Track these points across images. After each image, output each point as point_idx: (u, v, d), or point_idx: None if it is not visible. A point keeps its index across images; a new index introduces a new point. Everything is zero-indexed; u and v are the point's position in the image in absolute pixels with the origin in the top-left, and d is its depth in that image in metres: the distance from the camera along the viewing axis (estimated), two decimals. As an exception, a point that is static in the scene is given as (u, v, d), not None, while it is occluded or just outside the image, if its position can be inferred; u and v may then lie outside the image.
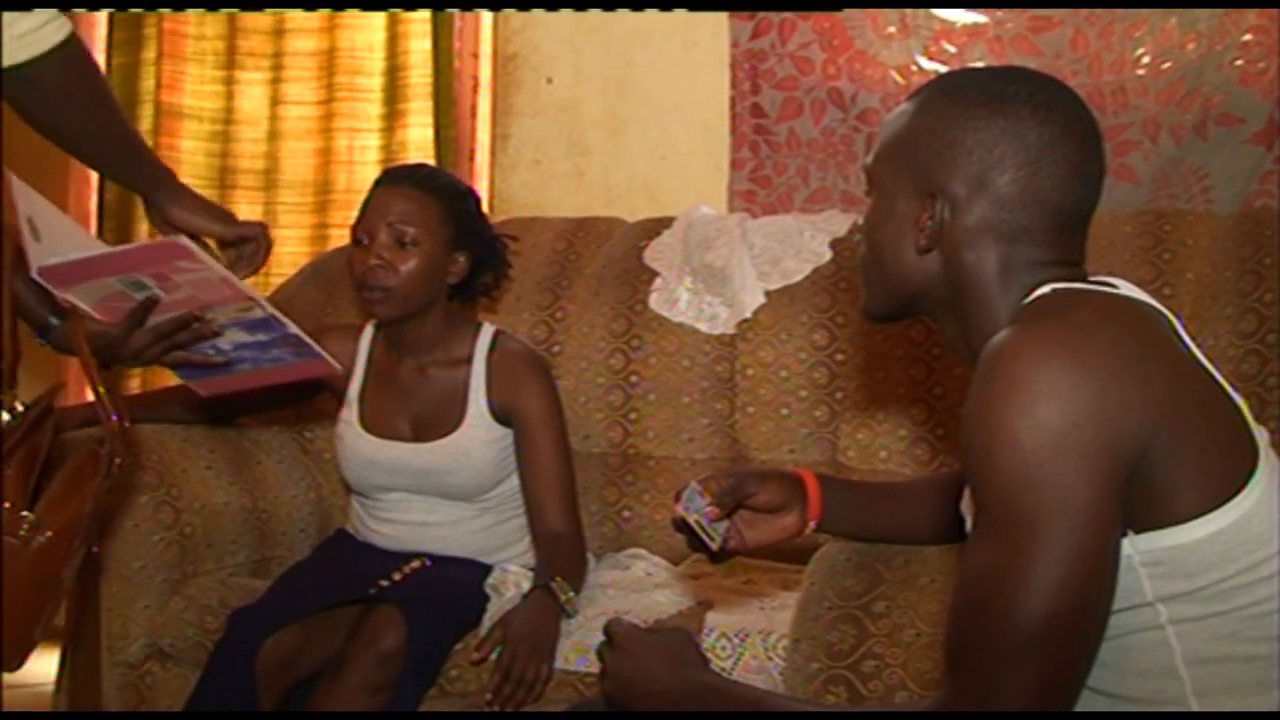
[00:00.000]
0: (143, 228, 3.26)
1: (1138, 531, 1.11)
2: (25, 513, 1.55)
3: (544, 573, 2.10)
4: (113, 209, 3.46)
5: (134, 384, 3.46)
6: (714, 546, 1.52)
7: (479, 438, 2.25)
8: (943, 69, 2.81)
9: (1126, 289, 1.24)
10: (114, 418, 1.63)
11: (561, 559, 2.15)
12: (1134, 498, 1.10)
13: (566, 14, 3.15)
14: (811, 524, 1.61)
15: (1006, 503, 1.08)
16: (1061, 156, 1.23)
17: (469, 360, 2.28)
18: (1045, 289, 1.21)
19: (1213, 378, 1.18)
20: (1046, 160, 1.22)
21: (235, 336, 1.80)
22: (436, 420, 2.27)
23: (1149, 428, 1.08)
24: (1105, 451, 1.07)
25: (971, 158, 1.23)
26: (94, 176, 3.45)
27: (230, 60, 3.44)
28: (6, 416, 1.57)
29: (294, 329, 1.80)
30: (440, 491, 2.26)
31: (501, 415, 2.26)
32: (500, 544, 2.30)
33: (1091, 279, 1.25)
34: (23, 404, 1.58)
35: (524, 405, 2.25)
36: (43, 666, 3.06)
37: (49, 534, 1.56)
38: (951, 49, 2.82)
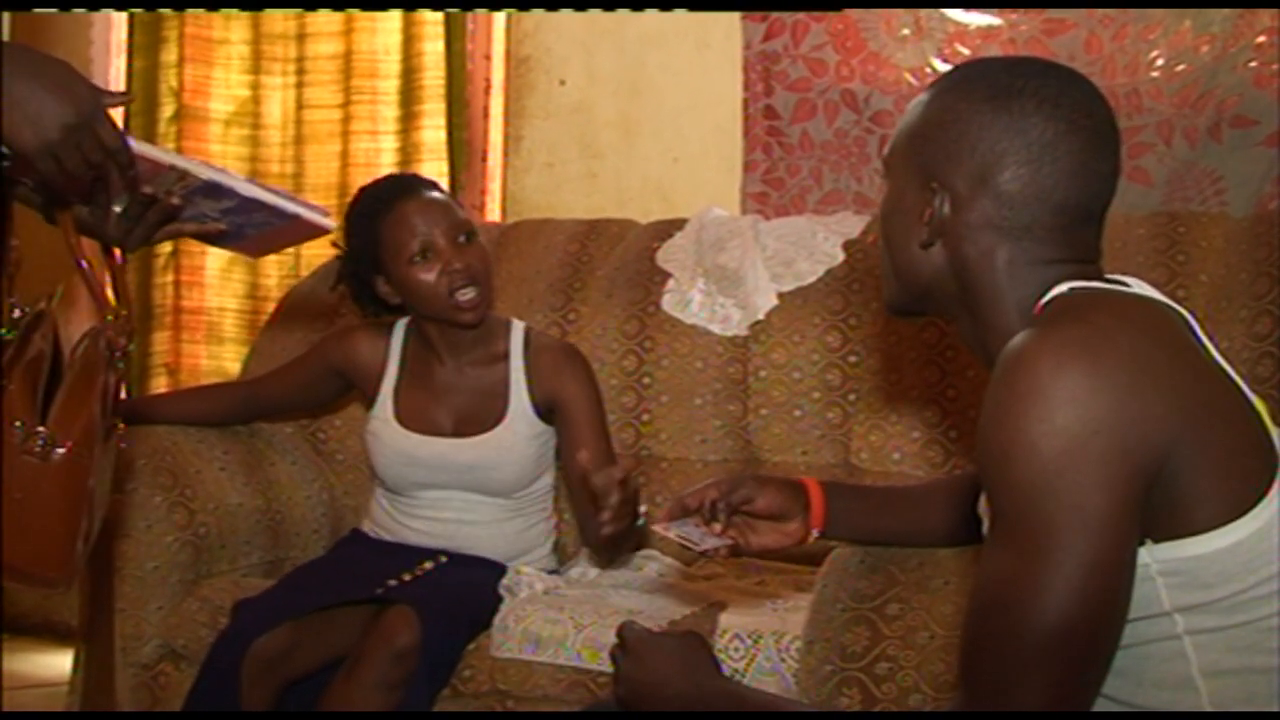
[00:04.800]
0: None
1: (1156, 540, 1.09)
2: (39, 428, 1.50)
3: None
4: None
5: (161, 383, 3.48)
6: (699, 548, 1.53)
7: (522, 433, 2.27)
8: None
9: (1139, 287, 1.22)
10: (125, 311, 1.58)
11: None
12: (1153, 506, 1.08)
13: (579, 16, 3.15)
14: (814, 532, 1.61)
15: (1023, 510, 1.06)
16: (1066, 153, 1.20)
17: (506, 356, 2.31)
18: (1063, 288, 1.19)
19: (1232, 381, 1.16)
20: (1050, 157, 1.20)
21: (205, 206, 1.70)
22: (477, 416, 2.29)
23: (1169, 435, 1.07)
24: (1124, 459, 1.05)
25: (974, 153, 1.22)
26: None
27: (256, 65, 3.46)
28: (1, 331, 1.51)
29: (247, 191, 1.69)
30: (482, 488, 2.28)
31: (544, 410, 2.29)
32: (525, 547, 2.33)
33: (1107, 277, 1.23)
34: (22, 311, 1.53)
35: (569, 396, 2.28)
36: (57, 667, 3.08)
37: (68, 445, 1.51)
38: (965, 51, 2.81)
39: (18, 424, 1.49)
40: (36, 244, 1.64)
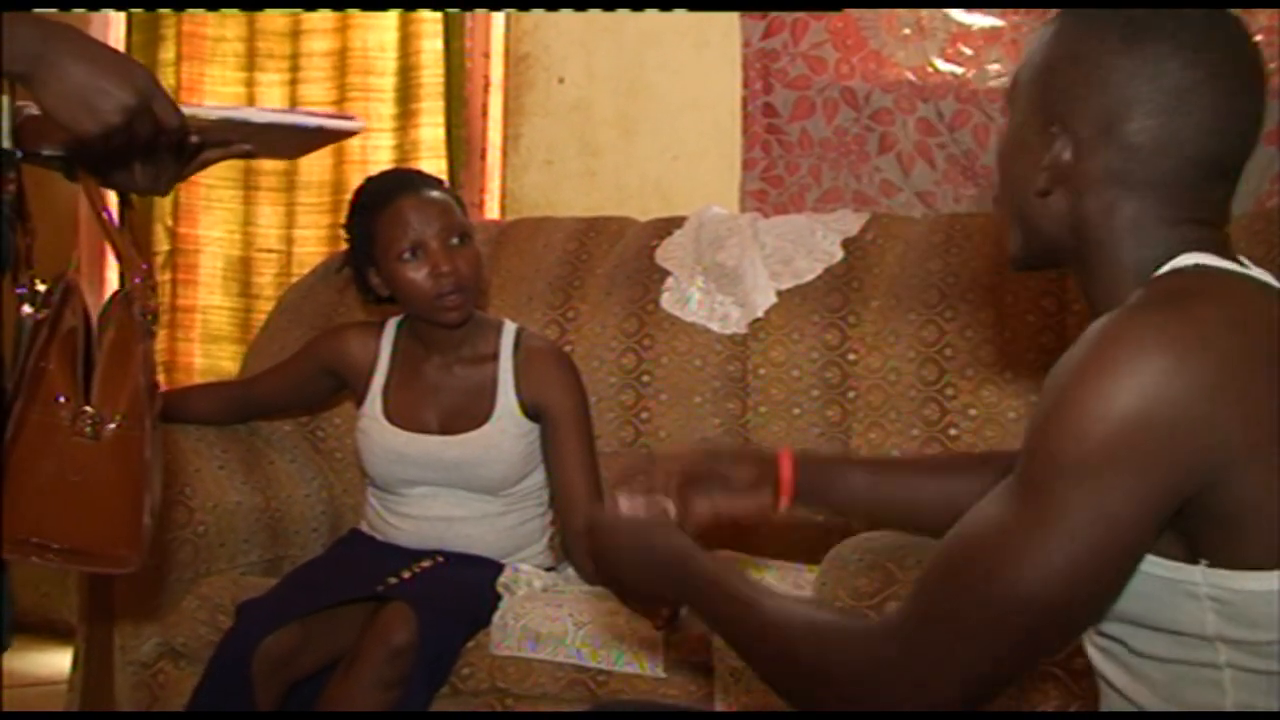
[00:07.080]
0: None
1: (1212, 564, 1.00)
2: (86, 408, 1.47)
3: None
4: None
5: (159, 380, 3.48)
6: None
7: (509, 431, 2.28)
8: (959, 70, 2.80)
9: (1257, 273, 1.09)
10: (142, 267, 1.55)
11: None
12: (1212, 526, 1.00)
13: (578, 14, 3.15)
14: (784, 502, 1.49)
15: (1044, 475, 0.99)
16: (1204, 105, 1.07)
17: (495, 356, 2.31)
18: (1187, 260, 1.07)
19: None
20: (1186, 108, 1.07)
21: (226, 134, 1.67)
22: (465, 414, 2.29)
23: (1239, 452, 0.97)
24: (1168, 465, 0.97)
25: (1103, 97, 1.09)
26: None
27: (250, 62, 3.46)
28: (28, 309, 1.48)
29: (262, 119, 1.67)
30: (469, 485, 2.28)
31: (530, 411, 2.29)
32: (520, 543, 2.32)
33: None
34: (43, 282, 1.50)
35: (556, 402, 2.29)
36: (56, 665, 3.07)
37: (118, 419, 1.48)
38: (968, 51, 2.81)
39: (63, 402, 1.46)
40: (36, 211, 1.61)
